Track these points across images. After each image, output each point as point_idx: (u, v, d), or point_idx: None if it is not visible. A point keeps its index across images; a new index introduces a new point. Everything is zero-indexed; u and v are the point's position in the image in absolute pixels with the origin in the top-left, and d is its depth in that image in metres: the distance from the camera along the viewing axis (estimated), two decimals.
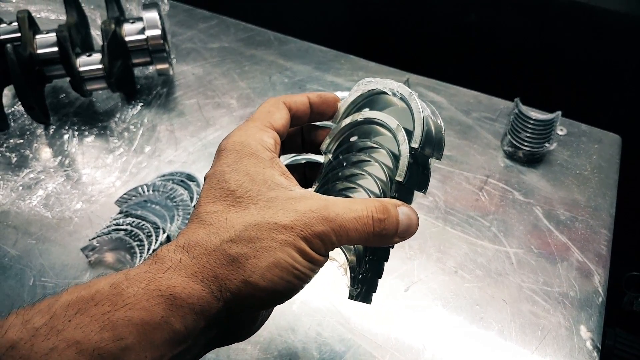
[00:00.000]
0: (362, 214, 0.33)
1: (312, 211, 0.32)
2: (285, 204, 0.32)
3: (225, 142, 0.35)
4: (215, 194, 0.33)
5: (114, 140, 0.74)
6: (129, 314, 0.27)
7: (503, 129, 0.79)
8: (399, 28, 1.03)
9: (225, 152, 0.34)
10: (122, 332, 0.27)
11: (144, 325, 0.27)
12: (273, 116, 0.37)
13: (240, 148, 0.34)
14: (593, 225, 0.69)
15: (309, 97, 0.40)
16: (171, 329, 0.28)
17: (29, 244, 0.63)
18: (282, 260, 0.30)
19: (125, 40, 0.74)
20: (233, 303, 0.30)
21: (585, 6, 0.86)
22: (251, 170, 0.33)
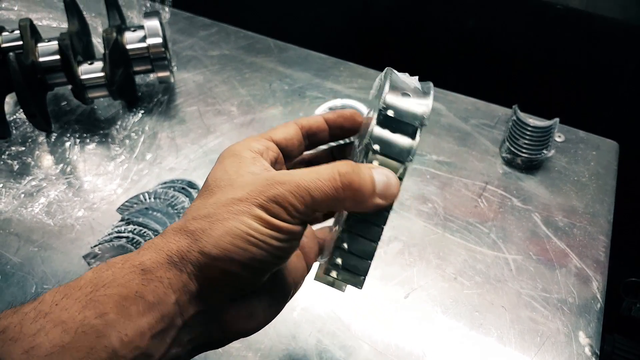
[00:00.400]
0: (326, 172, 0.32)
1: (267, 179, 0.32)
2: (247, 181, 0.33)
3: (223, 152, 0.37)
4: (198, 194, 0.35)
5: (116, 148, 0.75)
6: (109, 292, 0.29)
7: (501, 135, 0.80)
8: (398, 35, 1.04)
9: (218, 160, 0.37)
10: (104, 308, 0.28)
11: (122, 300, 0.29)
12: (274, 130, 0.39)
13: (225, 153, 0.36)
14: (591, 231, 0.69)
15: (323, 116, 0.41)
16: (144, 301, 0.29)
17: (31, 251, 0.63)
18: (235, 228, 0.31)
19: (126, 48, 0.75)
20: (197, 275, 0.31)
21: (582, 13, 0.87)
22: (227, 166, 0.35)
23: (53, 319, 0.28)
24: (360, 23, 1.06)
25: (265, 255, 0.32)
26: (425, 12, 0.99)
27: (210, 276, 0.31)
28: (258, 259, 0.31)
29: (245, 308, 0.34)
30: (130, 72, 0.77)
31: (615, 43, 0.89)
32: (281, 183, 0.32)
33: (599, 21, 0.87)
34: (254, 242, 0.31)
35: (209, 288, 0.32)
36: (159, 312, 0.30)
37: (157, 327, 0.30)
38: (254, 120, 0.81)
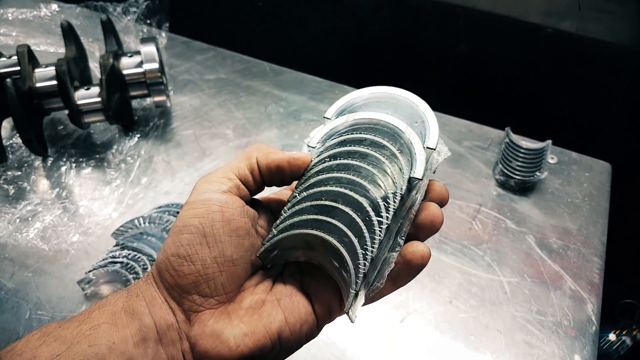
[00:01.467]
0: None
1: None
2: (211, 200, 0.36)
3: None
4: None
5: (111, 172, 0.75)
6: (103, 309, 0.34)
7: (495, 157, 0.81)
8: (391, 59, 1.05)
9: None
10: (97, 322, 0.33)
11: (112, 314, 0.33)
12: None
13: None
14: (585, 253, 0.70)
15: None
16: (127, 313, 0.34)
17: (25, 276, 0.63)
18: (179, 218, 0.34)
19: (123, 73, 0.76)
20: (160, 287, 0.34)
21: (573, 36, 0.88)
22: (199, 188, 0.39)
23: (54, 335, 0.32)
24: (354, 47, 1.07)
25: (189, 237, 0.34)
26: (418, 36, 1.00)
27: (164, 282, 0.34)
28: (185, 244, 0.34)
29: (211, 326, 0.34)
30: (126, 96, 0.78)
31: (605, 65, 0.90)
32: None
33: (590, 44, 0.88)
34: (179, 228, 0.34)
35: (169, 295, 0.34)
36: (138, 321, 0.33)
37: (138, 335, 0.33)
38: (249, 143, 0.82)
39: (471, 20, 0.93)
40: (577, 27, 0.87)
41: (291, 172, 0.37)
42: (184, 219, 0.34)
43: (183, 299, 0.34)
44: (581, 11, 0.84)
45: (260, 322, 0.34)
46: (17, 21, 0.91)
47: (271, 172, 0.37)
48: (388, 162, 0.36)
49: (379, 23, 1.01)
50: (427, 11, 0.96)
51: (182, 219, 0.34)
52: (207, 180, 0.36)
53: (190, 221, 0.34)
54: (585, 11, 0.84)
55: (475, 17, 0.92)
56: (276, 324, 0.34)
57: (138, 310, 0.34)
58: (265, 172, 0.37)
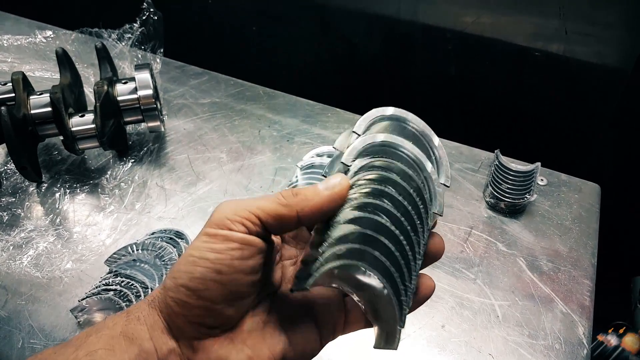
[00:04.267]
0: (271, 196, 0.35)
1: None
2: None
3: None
4: None
5: (105, 198, 0.76)
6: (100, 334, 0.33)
7: (485, 179, 0.82)
8: (382, 82, 1.07)
9: None
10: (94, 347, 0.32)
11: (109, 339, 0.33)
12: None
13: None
14: (575, 275, 0.70)
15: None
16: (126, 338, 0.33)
17: (18, 304, 0.63)
18: (194, 247, 0.33)
19: (117, 99, 0.77)
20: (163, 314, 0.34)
21: (561, 58, 0.90)
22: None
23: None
24: (345, 71, 1.09)
25: (203, 271, 0.32)
26: (408, 60, 1.02)
27: (169, 309, 0.33)
28: (197, 277, 0.32)
29: (216, 353, 0.33)
30: (121, 122, 0.78)
31: (593, 87, 0.92)
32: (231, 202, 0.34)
33: (578, 66, 0.90)
34: (195, 259, 0.33)
35: (173, 322, 0.34)
36: (138, 347, 0.33)
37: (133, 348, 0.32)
38: (242, 167, 0.83)
39: (460, 44, 0.95)
40: (565, 50, 0.88)
41: (333, 208, 0.35)
42: (201, 249, 0.33)
43: (187, 327, 0.33)
44: (568, 35, 0.86)
45: (264, 345, 0.34)
46: (13, 47, 0.92)
47: (313, 217, 0.35)
48: (415, 194, 0.36)
49: (370, 47, 1.03)
50: (416, 36, 0.97)
51: (198, 248, 0.33)
52: (234, 211, 0.33)
53: (207, 254, 0.33)
54: (571, 35, 0.86)
55: (464, 41, 0.94)
56: (280, 345, 0.35)
57: (138, 334, 0.33)
58: (307, 219, 0.35)
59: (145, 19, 0.86)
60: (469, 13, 0.91)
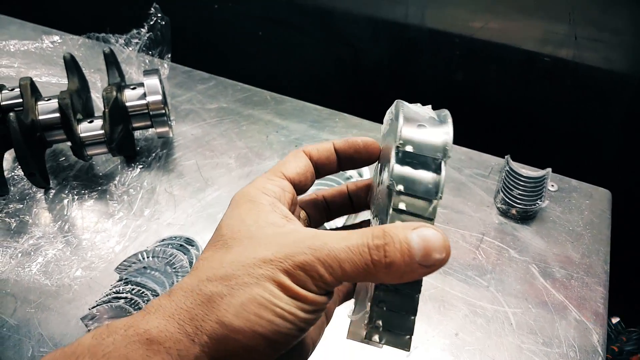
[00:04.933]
0: (356, 241, 0.28)
1: (296, 242, 0.29)
2: (271, 238, 0.30)
3: (235, 194, 0.35)
4: (209, 243, 0.32)
5: (114, 204, 0.75)
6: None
7: (495, 185, 0.81)
8: (388, 87, 1.07)
9: (229, 205, 0.34)
10: None
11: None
12: (285, 165, 0.36)
13: (239, 197, 0.34)
14: (588, 282, 0.70)
15: (334, 143, 0.38)
16: None
17: (27, 312, 0.63)
18: (259, 296, 0.28)
19: (126, 105, 0.76)
20: (212, 348, 0.28)
21: (569, 63, 0.90)
22: (244, 214, 0.32)
23: None
24: (352, 76, 1.09)
25: (290, 328, 0.28)
26: (414, 65, 1.02)
27: (228, 350, 0.28)
28: (283, 332, 0.28)
29: None
30: (129, 128, 0.78)
31: (602, 92, 0.92)
32: (313, 249, 0.28)
33: (586, 71, 0.90)
34: (279, 313, 0.28)
35: (218, 355, 0.28)
36: None
37: None
38: (251, 173, 0.82)
39: (468, 49, 0.95)
40: (574, 55, 0.88)
41: (367, 153, 0.37)
42: (284, 304, 0.28)
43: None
44: (577, 40, 0.86)
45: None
46: (19, 53, 0.91)
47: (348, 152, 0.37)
48: None
49: (376, 53, 1.02)
50: (424, 41, 0.97)
51: (278, 298, 0.28)
52: (315, 256, 0.28)
53: (295, 311, 0.28)
54: (581, 40, 0.86)
55: (472, 46, 0.94)
56: None
57: None
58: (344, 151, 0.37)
59: (153, 24, 0.85)
60: (477, 18, 0.91)
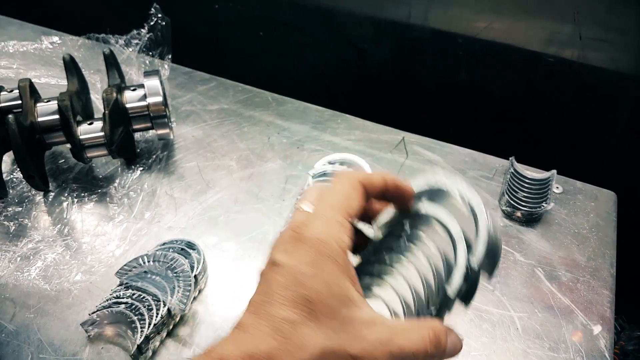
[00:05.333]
0: (420, 347, 0.33)
1: (380, 344, 0.32)
2: (357, 329, 0.32)
3: (304, 230, 0.33)
4: (292, 296, 0.31)
5: (114, 207, 0.74)
6: None
7: (500, 187, 0.80)
8: (391, 88, 1.06)
9: (305, 245, 0.32)
10: None
11: None
12: (352, 203, 0.35)
13: (322, 247, 0.32)
14: (595, 286, 0.69)
15: (386, 181, 0.38)
16: None
17: (27, 318, 0.62)
18: None
19: (126, 107, 0.75)
20: None
21: (574, 64, 0.89)
22: (330, 280, 0.32)
23: None
24: (354, 77, 1.08)
25: None
26: (418, 66, 1.01)
27: None
28: None
29: None
30: (129, 130, 0.77)
31: (607, 93, 0.91)
32: (392, 356, 0.32)
33: (591, 71, 0.89)
34: None
35: None
36: None
37: None
38: (253, 175, 0.81)
39: (471, 49, 0.94)
40: (579, 55, 0.87)
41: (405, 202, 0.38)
42: None
43: None
44: (582, 41, 0.85)
45: None
46: (18, 54, 0.90)
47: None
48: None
49: (379, 53, 1.02)
50: (427, 41, 0.96)
51: None
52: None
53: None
54: (586, 41, 0.85)
55: (476, 46, 0.93)
56: None
57: None
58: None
59: (153, 24, 0.84)
60: (481, 18, 0.90)
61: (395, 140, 0.88)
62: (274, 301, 0.31)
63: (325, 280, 0.31)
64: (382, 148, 0.86)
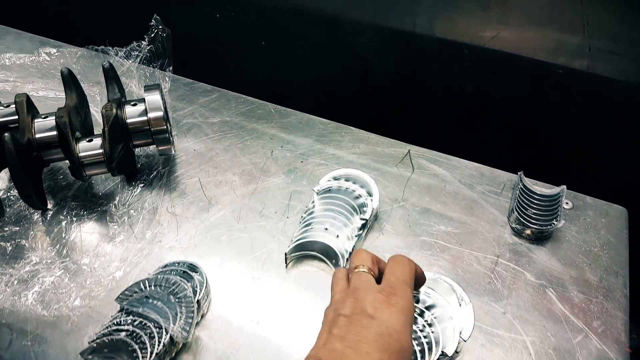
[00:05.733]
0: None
1: None
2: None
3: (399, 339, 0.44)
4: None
5: (114, 226, 0.72)
6: None
7: (508, 203, 0.79)
8: (397, 99, 1.04)
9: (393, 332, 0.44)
10: None
11: None
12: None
13: (405, 344, 0.44)
14: (608, 308, 0.67)
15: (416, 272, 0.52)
16: None
17: (24, 346, 0.60)
18: None
19: (126, 122, 0.73)
20: None
21: (583, 75, 0.87)
22: None
23: None
24: (359, 88, 1.06)
25: None
26: (423, 77, 0.99)
27: None
28: None
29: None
30: (130, 146, 0.75)
31: (616, 105, 0.89)
32: None
33: (601, 82, 0.87)
34: None
35: None
36: None
37: None
38: (256, 191, 0.79)
39: (478, 60, 0.92)
40: (588, 67, 0.85)
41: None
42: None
43: None
44: (591, 52, 0.83)
45: None
46: (15, 66, 0.88)
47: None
48: None
49: (383, 63, 1.00)
50: (432, 51, 0.94)
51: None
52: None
53: None
54: (595, 52, 0.83)
55: (482, 56, 0.91)
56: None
57: None
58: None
59: (154, 36, 0.82)
60: (488, 28, 0.88)
61: (400, 154, 0.86)
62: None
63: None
64: (388, 162, 0.84)
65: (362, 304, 0.44)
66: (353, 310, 0.44)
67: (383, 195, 0.78)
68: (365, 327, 0.42)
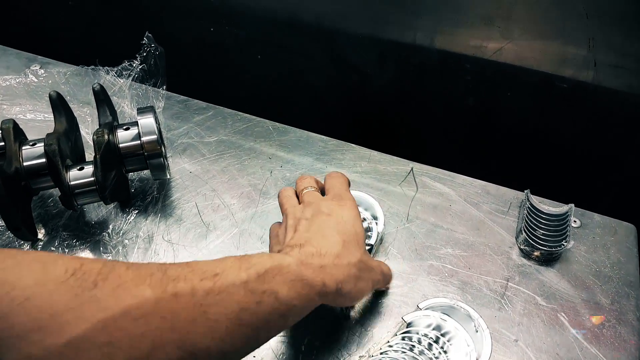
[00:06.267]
0: (387, 271, 0.64)
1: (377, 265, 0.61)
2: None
3: None
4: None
5: (108, 257, 0.69)
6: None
7: (515, 222, 0.77)
8: (397, 114, 1.02)
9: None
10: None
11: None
12: None
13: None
14: (621, 332, 0.65)
15: None
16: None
17: None
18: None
19: (119, 147, 0.70)
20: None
21: (589, 89, 0.85)
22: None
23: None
24: (358, 103, 1.03)
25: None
26: (423, 91, 0.97)
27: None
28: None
29: None
30: (122, 171, 0.72)
31: (623, 119, 0.87)
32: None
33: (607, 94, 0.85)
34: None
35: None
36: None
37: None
38: (256, 215, 0.77)
39: (480, 73, 0.90)
40: (593, 81, 0.84)
41: None
42: None
43: None
44: (597, 67, 0.81)
45: None
46: (1, 88, 0.84)
47: None
48: None
49: (383, 77, 0.97)
50: (433, 64, 0.92)
51: None
52: None
53: None
54: (601, 67, 0.81)
55: (484, 70, 0.89)
56: None
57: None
58: None
59: (146, 55, 0.79)
60: (491, 41, 0.86)
61: (403, 172, 0.83)
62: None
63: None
64: (391, 181, 0.82)
65: (318, 207, 0.56)
66: (313, 214, 0.55)
67: (387, 216, 0.76)
68: (324, 222, 0.53)
